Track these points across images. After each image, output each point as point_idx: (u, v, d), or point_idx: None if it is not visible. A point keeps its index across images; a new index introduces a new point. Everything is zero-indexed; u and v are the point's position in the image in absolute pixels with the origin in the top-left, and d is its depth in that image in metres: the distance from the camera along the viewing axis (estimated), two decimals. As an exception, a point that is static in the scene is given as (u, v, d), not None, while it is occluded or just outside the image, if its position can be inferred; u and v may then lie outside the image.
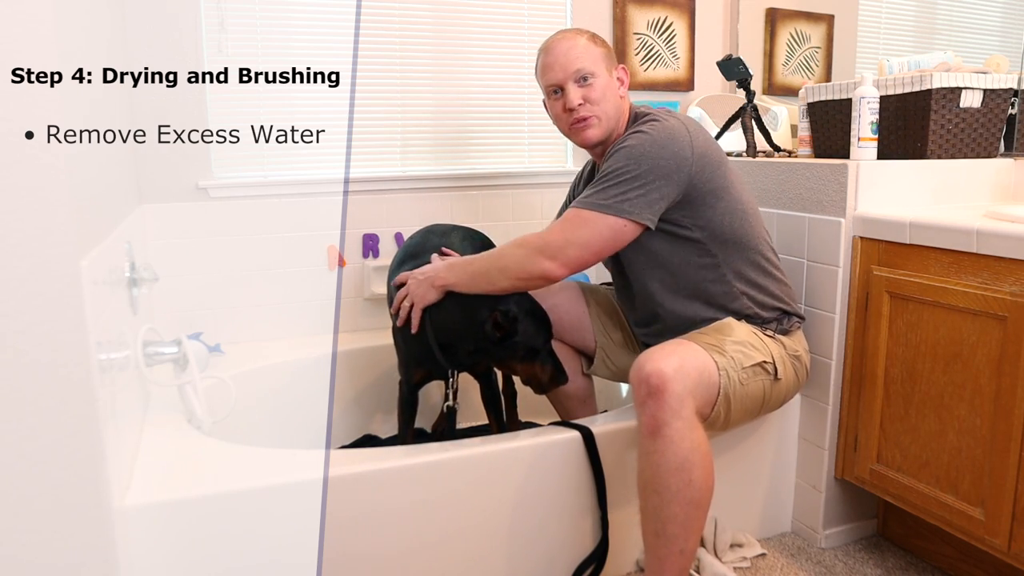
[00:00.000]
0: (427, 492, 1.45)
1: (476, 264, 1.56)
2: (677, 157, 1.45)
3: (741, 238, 1.55)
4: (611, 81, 1.57)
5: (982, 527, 1.44)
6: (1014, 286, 1.35)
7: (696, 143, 1.47)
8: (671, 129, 1.47)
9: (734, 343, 1.51)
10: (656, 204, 1.46)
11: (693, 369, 1.40)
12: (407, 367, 1.76)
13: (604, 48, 1.59)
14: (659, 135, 1.46)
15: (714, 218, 1.52)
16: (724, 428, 1.55)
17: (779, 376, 1.55)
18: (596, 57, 1.56)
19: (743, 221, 1.55)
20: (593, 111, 1.55)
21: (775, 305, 1.61)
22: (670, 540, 1.37)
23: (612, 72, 1.58)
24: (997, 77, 1.73)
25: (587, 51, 1.55)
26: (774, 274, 1.63)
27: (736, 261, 1.57)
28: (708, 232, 1.53)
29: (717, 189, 1.50)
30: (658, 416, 1.35)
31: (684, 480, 1.34)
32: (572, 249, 1.46)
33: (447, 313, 1.58)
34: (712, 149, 1.51)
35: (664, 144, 1.45)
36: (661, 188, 1.45)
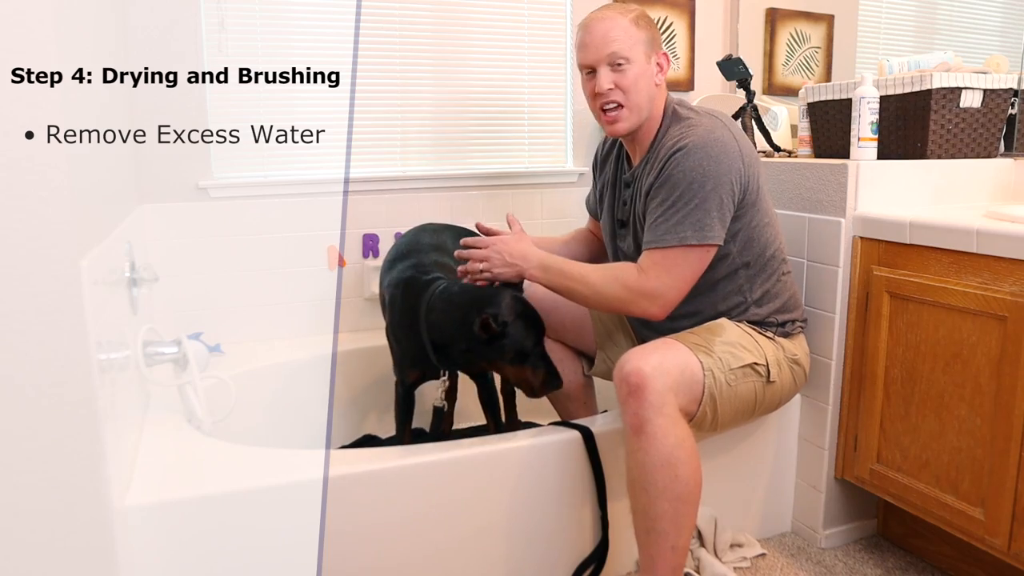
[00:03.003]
0: (427, 492, 1.45)
1: (572, 280, 1.51)
2: (732, 171, 1.43)
3: (764, 252, 1.55)
4: (647, 68, 1.50)
5: (982, 527, 1.44)
6: (1014, 286, 1.35)
7: (744, 150, 1.47)
8: (722, 140, 1.44)
9: (723, 343, 1.50)
10: (726, 219, 1.45)
11: (674, 367, 1.40)
12: (401, 367, 1.77)
13: (647, 31, 1.51)
14: (713, 147, 1.43)
15: (744, 230, 1.51)
16: (714, 429, 1.54)
17: (772, 379, 1.54)
18: (635, 41, 1.49)
19: (770, 236, 1.55)
20: (623, 99, 1.50)
21: (780, 312, 1.60)
22: (661, 537, 1.37)
23: (651, 58, 1.51)
24: (997, 77, 1.73)
25: (626, 33, 1.48)
26: (787, 283, 1.62)
27: (754, 275, 1.56)
28: (739, 245, 1.52)
29: (756, 201, 1.50)
30: (640, 413, 1.35)
31: (670, 476, 1.35)
32: (672, 293, 1.46)
33: (441, 313, 1.59)
34: (752, 151, 1.50)
35: (719, 159, 1.42)
36: (725, 203, 1.44)
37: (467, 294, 1.57)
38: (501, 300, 1.53)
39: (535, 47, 2.41)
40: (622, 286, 1.47)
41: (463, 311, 1.54)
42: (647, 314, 1.48)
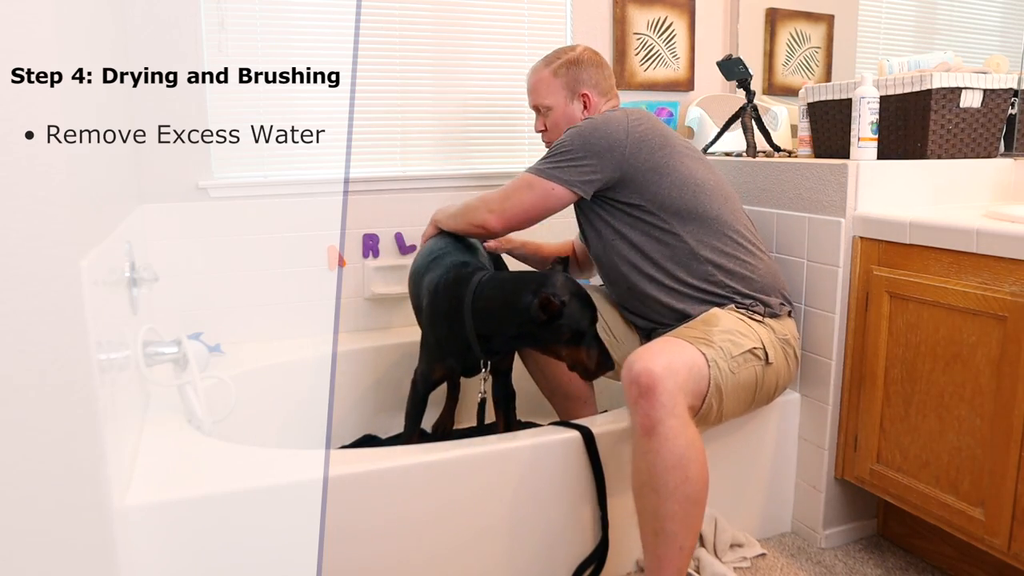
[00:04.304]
0: (427, 492, 1.45)
1: (453, 207, 1.84)
2: (610, 138, 1.60)
3: (698, 211, 1.62)
4: (568, 109, 1.81)
5: (982, 527, 1.44)
6: (1014, 286, 1.35)
7: (633, 129, 1.61)
8: (611, 117, 1.64)
9: (721, 332, 1.53)
10: (586, 176, 1.62)
11: (682, 366, 1.42)
12: (431, 363, 1.74)
13: (567, 77, 1.80)
14: (598, 121, 1.64)
15: (659, 192, 1.62)
16: (718, 421, 1.55)
17: (771, 360, 1.57)
18: (554, 89, 1.81)
19: (696, 195, 1.63)
20: (550, 136, 1.84)
21: (754, 280, 1.63)
22: (669, 538, 1.37)
23: (573, 100, 1.80)
24: (997, 77, 1.73)
25: (547, 86, 1.81)
26: (751, 251, 1.66)
27: (699, 232, 1.63)
28: (657, 204, 1.63)
29: (659, 167, 1.61)
30: (652, 415, 1.36)
31: (681, 477, 1.35)
32: (509, 204, 1.69)
33: (490, 300, 1.58)
34: (654, 135, 1.63)
35: (598, 127, 1.62)
36: (592, 164, 1.61)
37: (519, 277, 1.62)
38: (556, 280, 1.55)
39: (535, 47, 2.41)
40: (479, 198, 1.77)
41: (517, 294, 1.54)
42: (484, 223, 1.72)
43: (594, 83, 1.81)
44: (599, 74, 1.81)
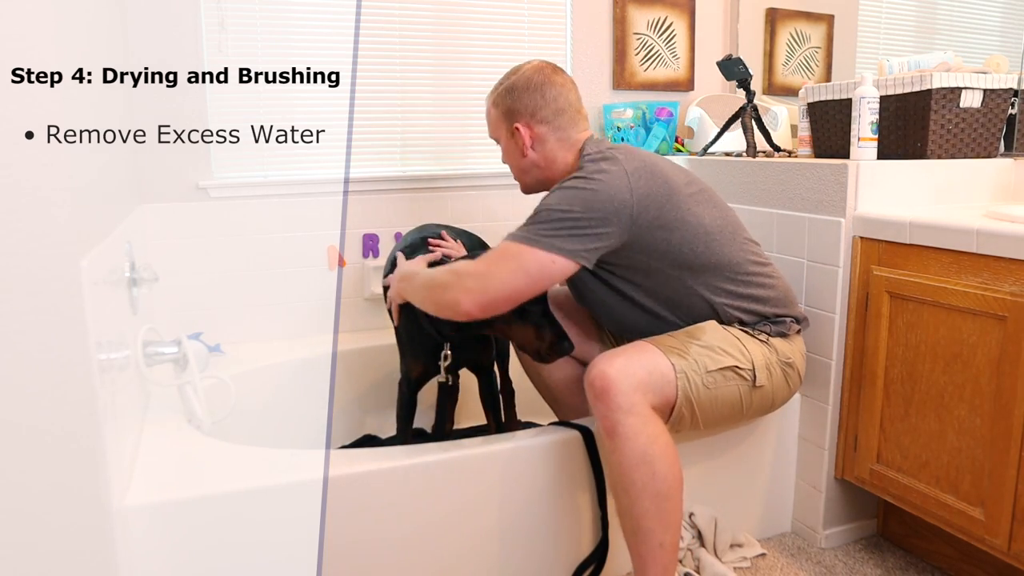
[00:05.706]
0: (427, 492, 1.45)
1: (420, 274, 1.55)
2: (615, 200, 1.39)
3: (711, 261, 1.50)
4: (511, 143, 1.60)
5: (982, 527, 1.44)
6: (1014, 286, 1.35)
7: (636, 185, 1.41)
8: (609, 173, 1.41)
9: (700, 346, 1.47)
10: (593, 244, 1.40)
11: (640, 368, 1.40)
12: (406, 362, 1.77)
13: (503, 107, 1.58)
14: (596, 179, 1.41)
15: (670, 250, 1.47)
16: (697, 428, 1.51)
17: (760, 383, 1.50)
18: (496, 122, 1.61)
19: (709, 245, 1.49)
20: (516, 175, 1.66)
21: (762, 311, 1.57)
22: (647, 535, 1.37)
23: (513, 132, 1.57)
24: (997, 77, 1.73)
25: (490, 118, 1.63)
26: (762, 280, 1.58)
27: (711, 279, 1.52)
28: (668, 261, 1.48)
29: (667, 223, 1.45)
30: (610, 416, 1.36)
31: (648, 473, 1.35)
32: (492, 284, 1.39)
33: None
34: (657, 187, 1.44)
35: (600, 188, 1.40)
36: (600, 231, 1.39)
37: None
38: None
39: (535, 48, 2.41)
40: (449, 270, 1.46)
41: None
42: (457, 303, 1.40)
43: (531, 112, 1.54)
44: (538, 99, 1.54)
